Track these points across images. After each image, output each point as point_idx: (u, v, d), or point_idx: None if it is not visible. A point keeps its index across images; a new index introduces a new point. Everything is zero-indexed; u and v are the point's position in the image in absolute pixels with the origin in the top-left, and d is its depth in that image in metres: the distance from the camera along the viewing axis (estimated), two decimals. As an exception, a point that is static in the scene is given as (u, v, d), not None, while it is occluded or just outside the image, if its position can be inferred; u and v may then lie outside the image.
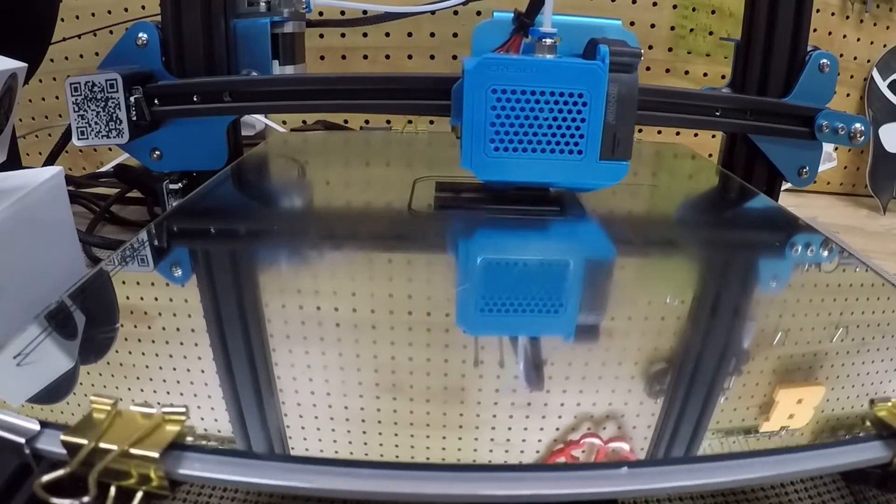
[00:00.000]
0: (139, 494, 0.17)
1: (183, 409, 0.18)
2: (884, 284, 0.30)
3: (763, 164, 0.48)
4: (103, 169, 0.71)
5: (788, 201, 0.46)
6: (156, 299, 0.28)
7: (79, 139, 0.43)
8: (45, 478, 0.16)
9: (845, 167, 0.79)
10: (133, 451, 0.17)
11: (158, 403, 0.18)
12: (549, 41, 0.36)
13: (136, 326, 0.25)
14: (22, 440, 0.18)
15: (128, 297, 0.28)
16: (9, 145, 0.37)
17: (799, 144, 0.46)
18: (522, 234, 0.37)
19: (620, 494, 0.17)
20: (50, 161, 0.62)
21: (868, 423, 0.20)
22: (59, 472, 0.16)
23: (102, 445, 0.17)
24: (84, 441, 0.17)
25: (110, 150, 0.75)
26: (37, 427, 0.18)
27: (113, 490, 0.16)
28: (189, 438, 0.18)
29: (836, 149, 0.69)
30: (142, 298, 0.28)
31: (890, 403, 0.20)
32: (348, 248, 0.35)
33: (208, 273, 0.32)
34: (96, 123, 0.42)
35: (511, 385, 0.22)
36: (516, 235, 0.37)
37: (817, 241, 0.35)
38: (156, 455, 0.17)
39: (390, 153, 0.56)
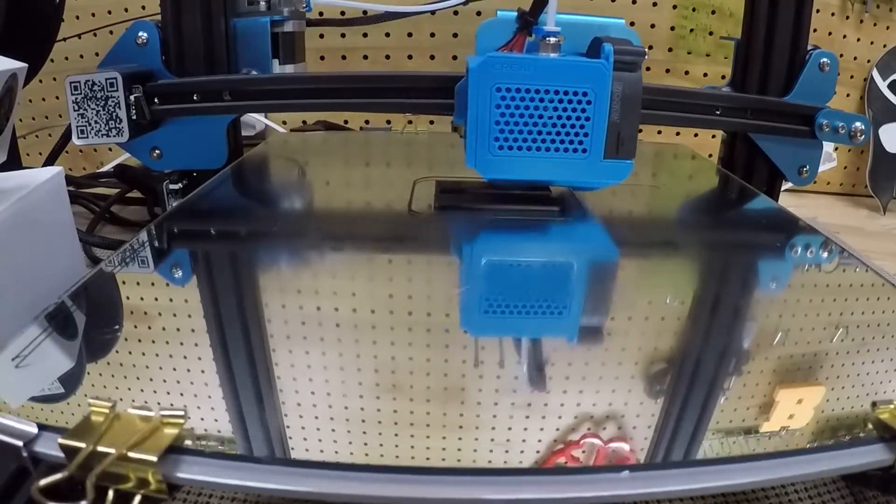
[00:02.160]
0: (137, 498, 0.17)
1: (181, 412, 0.18)
2: (884, 284, 0.30)
3: (763, 164, 0.48)
4: (103, 169, 0.71)
5: (788, 201, 0.46)
6: (156, 300, 0.28)
7: (79, 138, 0.43)
8: (43, 482, 0.16)
9: (845, 167, 0.79)
10: (131, 454, 0.17)
11: (158, 404, 0.18)
12: (553, 40, 0.36)
13: (135, 327, 0.25)
14: (20, 443, 0.18)
15: (128, 298, 0.28)
16: (9, 145, 0.37)
17: (799, 143, 0.46)
18: (522, 235, 0.37)
19: (622, 498, 0.17)
20: (50, 161, 0.62)
21: (870, 426, 0.20)
22: (57, 476, 0.16)
23: (100, 449, 0.17)
24: (82, 444, 0.17)
25: (110, 150, 0.75)
26: (34, 430, 0.18)
27: (111, 494, 0.16)
28: (187, 442, 0.18)
29: (836, 149, 0.69)
30: (142, 299, 0.28)
31: (893, 406, 0.19)
32: (348, 248, 0.35)
33: (208, 274, 0.32)
34: (96, 122, 0.42)
35: (511, 385, 0.22)
36: (516, 236, 0.37)
37: (817, 242, 0.35)
38: (153, 459, 0.17)
39: (390, 153, 0.56)
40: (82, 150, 0.77)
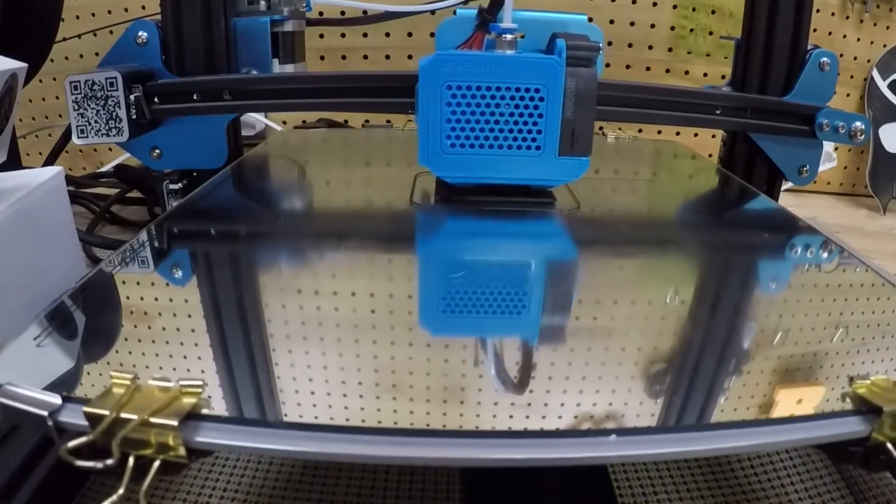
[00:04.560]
0: (156, 463, 0.17)
1: (199, 382, 0.19)
2: (884, 284, 0.30)
3: (763, 163, 0.48)
4: (103, 169, 0.71)
5: (788, 201, 0.46)
6: (156, 299, 0.28)
7: (78, 137, 0.43)
8: (71, 444, 0.17)
9: (845, 167, 0.79)
10: (153, 419, 0.17)
11: (174, 369, 0.19)
12: (509, 37, 0.35)
13: (135, 326, 0.25)
14: (45, 413, 0.18)
15: (127, 297, 0.28)
16: (9, 145, 0.37)
17: (799, 143, 0.46)
18: (519, 230, 0.37)
19: (608, 460, 0.18)
20: (50, 161, 0.62)
21: (848, 400, 0.20)
22: (83, 439, 0.17)
23: (123, 415, 0.17)
24: (105, 412, 0.17)
25: (110, 149, 0.75)
26: (59, 401, 0.18)
27: (131, 460, 0.17)
28: (205, 410, 0.18)
29: (836, 149, 0.69)
30: (141, 298, 0.28)
31: (869, 381, 0.20)
32: (349, 246, 0.35)
33: (208, 273, 0.32)
34: (96, 122, 0.42)
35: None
36: (514, 231, 0.37)
37: (817, 242, 0.35)
38: (174, 423, 0.17)
39: (391, 151, 0.56)
40: (82, 150, 0.78)
